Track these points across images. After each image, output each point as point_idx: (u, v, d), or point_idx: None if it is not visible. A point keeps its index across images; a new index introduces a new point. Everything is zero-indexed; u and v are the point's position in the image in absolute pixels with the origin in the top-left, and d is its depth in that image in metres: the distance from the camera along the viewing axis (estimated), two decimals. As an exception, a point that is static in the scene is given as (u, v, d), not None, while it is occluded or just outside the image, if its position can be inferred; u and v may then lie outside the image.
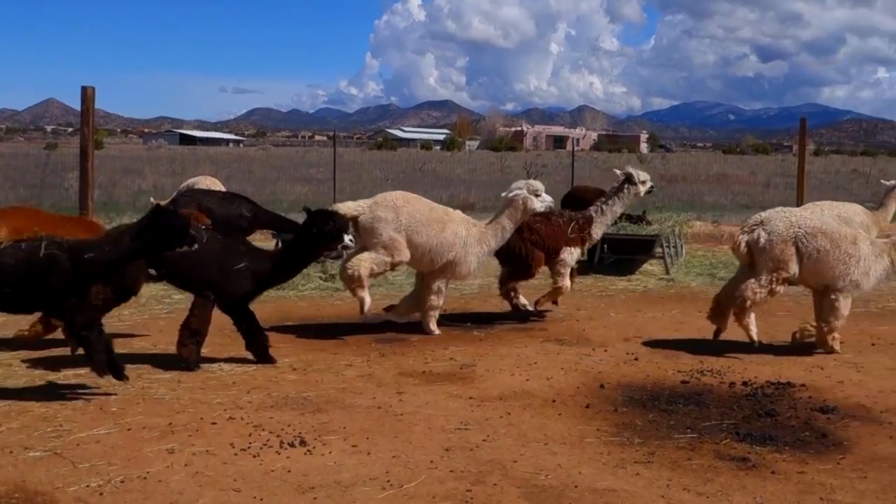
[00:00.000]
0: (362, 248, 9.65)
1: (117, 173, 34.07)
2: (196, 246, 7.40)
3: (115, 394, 7.13)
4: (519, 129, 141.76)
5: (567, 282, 10.74)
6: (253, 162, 48.86)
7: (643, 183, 11.28)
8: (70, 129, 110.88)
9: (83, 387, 7.40)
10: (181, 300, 11.41)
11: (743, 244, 9.13)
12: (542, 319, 10.72)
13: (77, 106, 14.95)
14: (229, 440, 6.12)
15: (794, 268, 8.98)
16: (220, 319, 8.40)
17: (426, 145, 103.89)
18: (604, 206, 11.15)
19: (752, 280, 9.02)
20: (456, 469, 5.67)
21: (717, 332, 9.45)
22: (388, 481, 5.44)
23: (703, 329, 9.82)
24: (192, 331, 8.12)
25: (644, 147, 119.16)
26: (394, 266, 9.88)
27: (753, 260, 9.13)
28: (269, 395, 7.29)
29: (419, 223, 9.69)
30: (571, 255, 10.85)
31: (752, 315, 9.10)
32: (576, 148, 68.77)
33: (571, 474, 5.63)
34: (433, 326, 9.86)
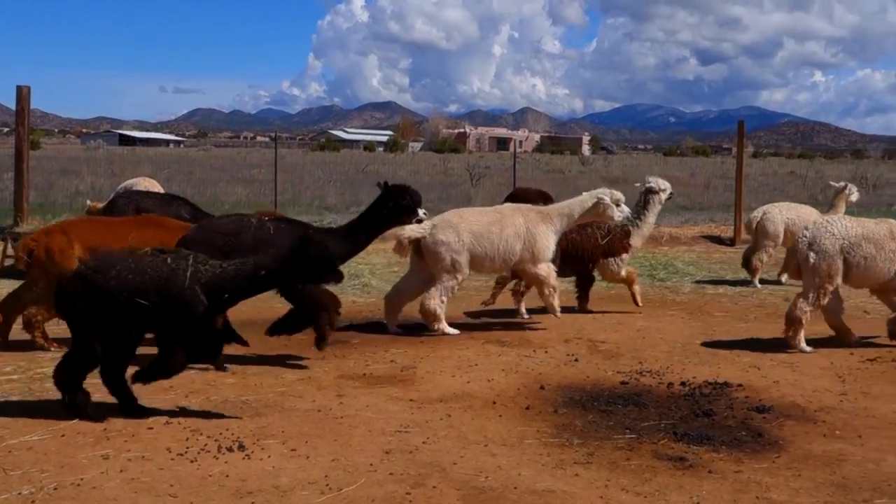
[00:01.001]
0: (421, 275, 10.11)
1: (54, 174, 33.50)
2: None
3: (49, 399, 7.01)
4: (462, 130, 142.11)
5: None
6: (193, 163, 48.33)
7: (664, 191, 11.82)
8: (6, 130, 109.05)
9: (16, 392, 7.27)
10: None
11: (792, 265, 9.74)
12: (483, 321, 10.73)
13: (12, 105, 14.72)
14: (166, 445, 6.04)
15: (839, 280, 9.33)
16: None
17: (369, 147, 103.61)
18: (638, 220, 11.57)
19: (801, 299, 9.37)
20: (395, 472, 5.66)
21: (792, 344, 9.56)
22: (328, 485, 5.40)
23: (642, 329, 9.93)
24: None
25: (586, 149, 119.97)
26: (459, 284, 10.19)
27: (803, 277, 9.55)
28: (207, 398, 7.21)
29: (479, 234, 9.90)
30: (617, 264, 11.34)
31: (802, 332, 9.39)
32: (519, 150, 69.01)
33: (511, 476, 5.64)
34: (556, 306, 10.21)
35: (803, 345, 9.36)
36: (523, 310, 11.03)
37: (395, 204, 8.55)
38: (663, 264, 15.50)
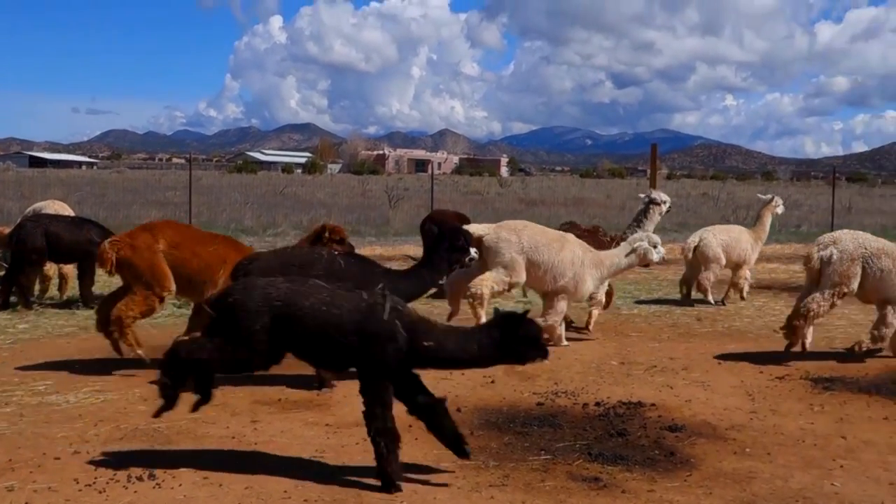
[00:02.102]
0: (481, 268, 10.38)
1: (-39, 197, 32.71)
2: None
3: (-48, 430, 6.81)
4: (381, 152, 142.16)
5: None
6: (107, 185, 47.55)
7: (664, 202, 12.71)
8: None
9: (-83, 423, 7.05)
10: (25, 329, 11.04)
11: (816, 260, 9.95)
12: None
13: (-86, 127, 14.26)
14: (73, 475, 5.89)
15: (854, 284, 9.78)
16: (66, 349, 8.09)
17: (287, 168, 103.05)
18: (638, 229, 12.13)
19: (818, 294, 9.84)
20: (310, 498, 5.61)
21: (789, 346, 10.25)
22: (240, 513, 5.33)
23: (558, 350, 9.99)
24: None
25: (504, 171, 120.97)
26: (511, 286, 10.62)
27: (821, 275, 9.92)
28: (117, 427, 7.07)
29: (539, 244, 10.39)
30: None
31: (811, 328, 10.10)
32: (438, 171, 69.29)
33: (427, 500, 5.64)
34: (561, 336, 10.66)
35: (809, 338, 10.10)
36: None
37: (451, 245, 8.70)
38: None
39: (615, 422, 7.42)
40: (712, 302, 14.04)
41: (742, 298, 14.51)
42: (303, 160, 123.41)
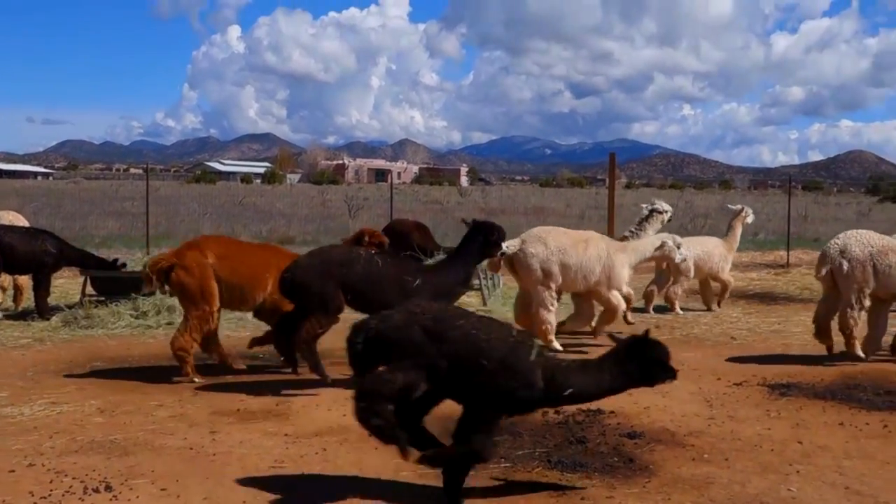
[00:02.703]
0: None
1: (-87, 209, 32.19)
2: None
3: None
4: (341, 162, 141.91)
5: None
6: (63, 196, 47.09)
7: (667, 212, 13.22)
8: None
9: None
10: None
11: (825, 272, 10.37)
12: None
13: None
14: (28, 489, 5.81)
15: (873, 283, 10.14)
16: (21, 361, 8.01)
17: (246, 178, 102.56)
18: (639, 233, 12.65)
19: (847, 309, 10.17)
20: (269, 509, 5.57)
21: (830, 349, 10.62)
22: (198, 524, 5.29)
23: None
24: None
25: (464, 180, 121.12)
26: (558, 293, 10.94)
27: (836, 283, 10.30)
28: (73, 439, 6.99)
29: (566, 246, 10.72)
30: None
31: (857, 341, 10.35)
32: (398, 181, 69.30)
33: (386, 509, 5.62)
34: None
35: (860, 352, 10.31)
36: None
37: (485, 239, 9.03)
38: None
39: (574, 429, 7.44)
40: (679, 313, 14.16)
41: (718, 306, 14.78)
42: (262, 170, 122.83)
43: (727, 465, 6.61)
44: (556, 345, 10.76)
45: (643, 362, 5.72)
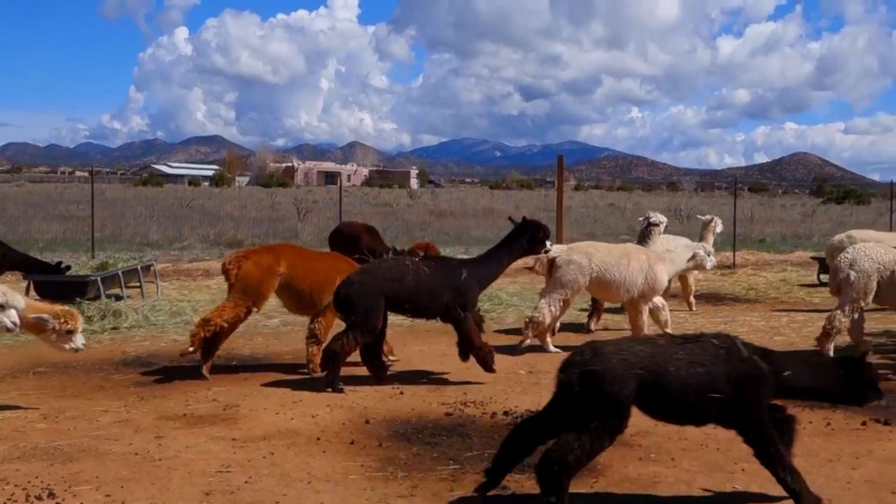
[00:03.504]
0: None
1: None
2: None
3: None
4: (290, 164, 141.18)
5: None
6: (6, 199, 46.31)
7: (662, 223, 13.66)
8: None
9: None
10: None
11: (836, 283, 10.67)
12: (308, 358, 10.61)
13: None
14: (-31, 496, 5.72)
15: (871, 298, 10.40)
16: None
17: (194, 181, 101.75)
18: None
19: (839, 311, 10.45)
20: (216, 514, 5.52)
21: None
22: (143, 531, 5.23)
23: (468, 362, 10.01)
24: (477, 346, 9.21)
25: (414, 182, 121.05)
26: (567, 304, 11.45)
27: (840, 291, 10.58)
28: (15, 446, 6.87)
29: (609, 264, 11.15)
30: None
31: (832, 342, 10.58)
32: (347, 184, 69.10)
33: (334, 512, 5.59)
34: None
35: (831, 351, 10.41)
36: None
37: (532, 236, 9.60)
38: (487, 296, 15.69)
39: (523, 430, 7.46)
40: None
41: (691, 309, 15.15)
42: (210, 173, 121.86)
43: (674, 464, 6.67)
44: (552, 347, 11.16)
45: (860, 381, 5.79)
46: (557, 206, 20.38)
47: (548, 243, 9.89)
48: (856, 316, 10.47)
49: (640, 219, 14.09)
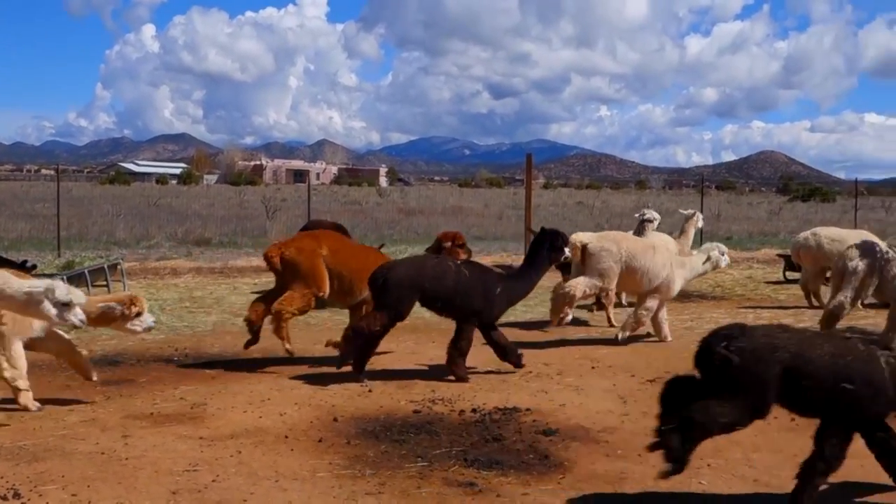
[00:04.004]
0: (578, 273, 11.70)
1: None
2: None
3: None
4: (258, 163, 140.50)
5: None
6: (-29, 197, 45.87)
7: (656, 219, 14.86)
8: None
9: None
10: None
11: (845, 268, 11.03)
12: (277, 356, 10.58)
13: None
14: (-68, 497, 5.67)
15: (872, 289, 10.90)
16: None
17: (162, 179, 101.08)
18: None
19: (841, 296, 10.92)
20: (183, 513, 5.50)
21: None
22: (110, 530, 5.20)
23: (435, 358, 10.04)
24: (462, 351, 9.39)
25: (384, 181, 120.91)
26: (600, 290, 11.75)
27: (843, 280, 10.97)
28: (-20, 446, 6.82)
29: (636, 252, 11.46)
30: None
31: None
32: (316, 182, 68.89)
33: (302, 510, 5.59)
34: (664, 332, 11.88)
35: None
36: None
37: (551, 244, 9.86)
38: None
39: (491, 427, 7.49)
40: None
41: None
42: (178, 171, 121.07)
43: (640, 460, 6.70)
44: (559, 322, 11.49)
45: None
46: (526, 205, 20.46)
47: (567, 249, 10.12)
48: (857, 304, 11.09)
49: (636, 215, 15.11)
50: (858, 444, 7.02)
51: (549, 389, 8.98)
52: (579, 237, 11.46)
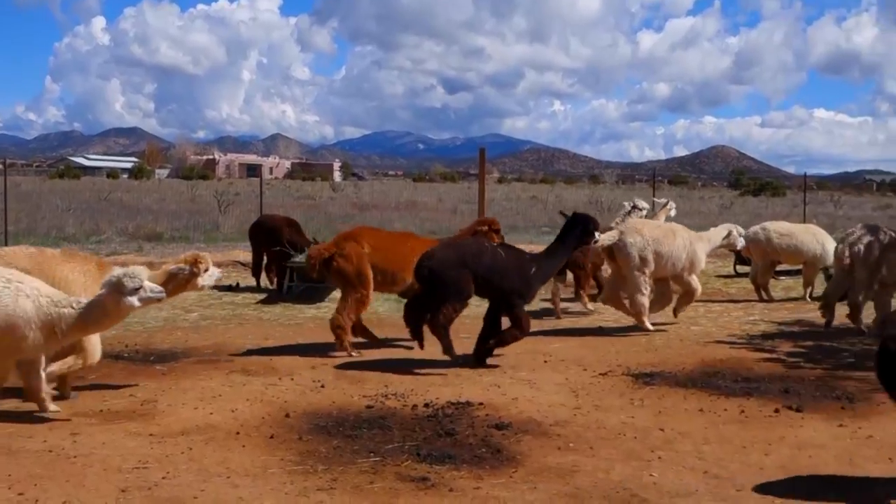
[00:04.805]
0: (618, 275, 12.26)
1: None
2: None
3: None
4: (211, 157, 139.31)
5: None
6: (-85, 192, 45.02)
7: (644, 209, 15.50)
8: None
9: None
10: None
11: (846, 257, 11.78)
12: (228, 352, 10.52)
13: None
14: None
15: (884, 270, 11.58)
16: None
17: (113, 174, 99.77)
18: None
19: (853, 292, 11.69)
20: (132, 510, 5.45)
21: (828, 324, 12.30)
22: (57, 529, 5.13)
23: (387, 353, 10.04)
24: (524, 331, 9.85)
25: (337, 175, 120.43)
26: (651, 277, 12.11)
27: (853, 269, 11.72)
28: (-76, 445, 6.70)
29: (659, 238, 12.01)
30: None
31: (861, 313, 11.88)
32: (270, 176, 68.42)
33: (253, 507, 5.55)
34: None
35: (862, 326, 11.77)
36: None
37: (584, 228, 10.24)
38: (410, 288, 15.74)
39: (444, 422, 7.49)
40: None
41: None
42: (129, 165, 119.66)
43: (592, 453, 6.75)
44: (649, 325, 12.05)
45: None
46: (479, 199, 20.45)
47: (597, 234, 10.51)
48: (869, 294, 11.76)
49: (626, 203, 15.84)
50: (807, 433, 7.15)
51: (502, 383, 9.00)
52: (602, 240, 11.33)
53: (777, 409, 8.06)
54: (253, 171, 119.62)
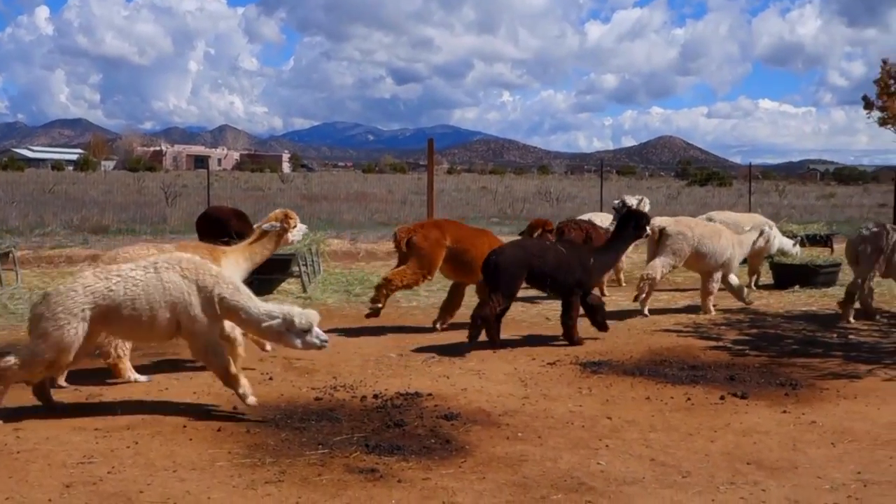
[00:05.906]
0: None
1: None
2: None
3: None
4: (158, 148, 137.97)
5: None
6: None
7: (632, 206, 15.78)
8: None
9: None
10: None
11: (852, 253, 12.44)
12: (175, 345, 10.40)
13: None
14: None
15: (883, 266, 12.22)
16: None
17: (58, 165, 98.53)
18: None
19: (858, 281, 12.24)
20: (76, 506, 5.38)
21: (843, 318, 12.44)
22: (0, 526, 5.06)
23: (337, 344, 10.00)
24: (574, 320, 10.60)
25: (286, 166, 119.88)
26: (673, 268, 13.14)
27: (858, 261, 12.35)
28: None
29: (706, 236, 12.88)
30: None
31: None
32: (218, 168, 67.84)
33: (200, 500, 5.51)
34: (710, 306, 13.17)
35: (851, 317, 12.27)
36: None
37: (637, 223, 11.11)
38: (359, 280, 15.72)
39: (393, 413, 7.49)
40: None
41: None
42: (74, 157, 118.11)
43: (540, 442, 6.79)
44: (646, 311, 12.85)
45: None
46: (428, 190, 20.44)
47: (648, 228, 11.37)
48: (870, 284, 12.35)
49: (615, 201, 16.78)
50: (752, 419, 7.25)
51: (451, 374, 9.02)
52: (658, 221, 12.77)
53: (722, 396, 8.17)
54: (201, 162, 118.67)
